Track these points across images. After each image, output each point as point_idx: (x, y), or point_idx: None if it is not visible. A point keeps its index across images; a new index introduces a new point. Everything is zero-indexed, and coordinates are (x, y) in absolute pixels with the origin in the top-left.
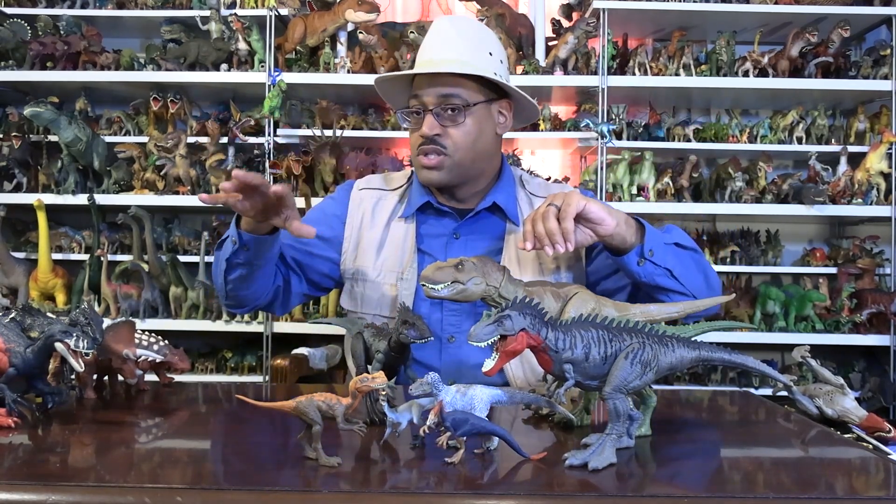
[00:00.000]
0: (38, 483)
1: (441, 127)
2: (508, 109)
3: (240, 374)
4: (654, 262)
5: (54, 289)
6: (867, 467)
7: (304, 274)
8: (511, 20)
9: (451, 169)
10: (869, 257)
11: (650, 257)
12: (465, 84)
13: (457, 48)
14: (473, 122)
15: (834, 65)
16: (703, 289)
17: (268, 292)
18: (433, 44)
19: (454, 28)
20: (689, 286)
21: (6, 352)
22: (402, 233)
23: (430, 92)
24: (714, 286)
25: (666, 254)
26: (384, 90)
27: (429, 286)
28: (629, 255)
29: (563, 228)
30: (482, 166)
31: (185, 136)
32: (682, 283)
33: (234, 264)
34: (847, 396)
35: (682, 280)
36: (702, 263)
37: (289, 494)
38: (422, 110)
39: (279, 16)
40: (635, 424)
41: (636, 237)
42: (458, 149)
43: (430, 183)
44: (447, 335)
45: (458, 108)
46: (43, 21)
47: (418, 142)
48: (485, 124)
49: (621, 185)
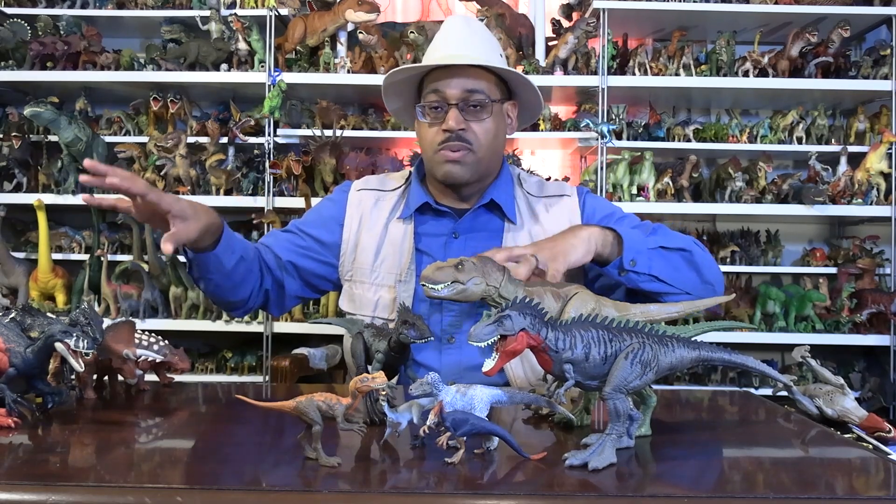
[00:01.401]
0: (38, 483)
1: (465, 122)
2: (513, 111)
3: (240, 374)
4: (637, 272)
5: (54, 289)
6: (867, 467)
7: (301, 276)
8: (511, 20)
9: (473, 165)
10: (869, 257)
11: (632, 268)
12: (487, 81)
13: (475, 46)
14: (493, 120)
15: (834, 65)
16: (698, 285)
17: (254, 297)
18: (450, 39)
19: (469, 27)
20: (681, 286)
21: (6, 352)
22: (400, 233)
23: (455, 85)
24: (712, 280)
25: (651, 259)
26: (391, 87)
27: (429, 286)
28: (609, 267)
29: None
30: (496, 165)
31: (185, 136)
32: (671, 285)
33: (195, 277)
34: (847, 396)
35: (671, 282)
36: (693, 261)
37: (289, 494)
38: (442, 105)
39: (279, 16)
40: (635, 424)
41: (616, 249)
42: (480, 145)
43: (454, 178)
44: (447, 336)
45: (482, 104)
46: (43, 21)
47: (440, 137)
48: (500, 123)
49: (621, 185)
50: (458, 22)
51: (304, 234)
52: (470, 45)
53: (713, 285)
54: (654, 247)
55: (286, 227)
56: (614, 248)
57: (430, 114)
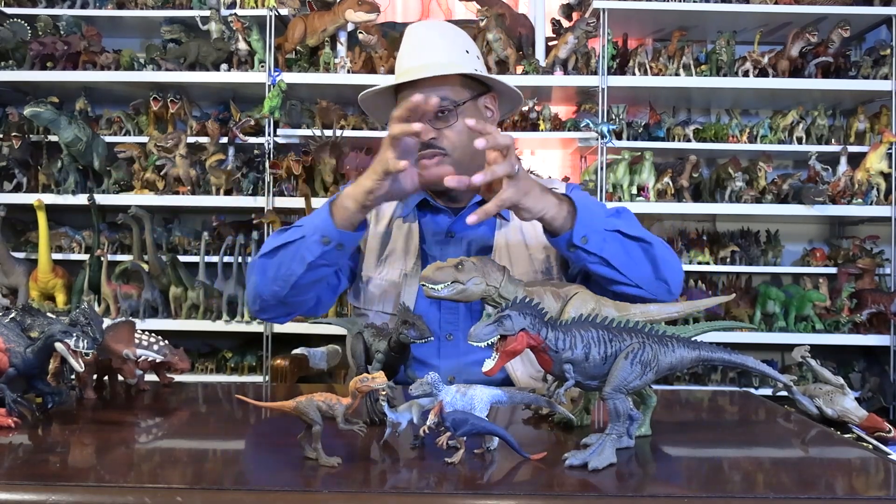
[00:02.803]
0: (38, 483)
1: (435, 130)
2: (493, 102)
3: (240, 374)
4: (587, 250)
5: (54, 289)
6: (867, 467)
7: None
8: (511, 20)
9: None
10: (869, 257)
11: (582, 244)
12: (450, 85)
13: (434, 51)
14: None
15: (834, 65)
16: (651, 280)
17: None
18: (410, 51)
19: (428, 32)
20: (633, 276)
21: (6, 352)
22: (405, 232)
23: None
24: (668, 278)
25: (605, 241)
26: (369, 106)
27: (429, 286)
28: (558, 240)
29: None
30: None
31: (185, 136)
32: (622, 273)
33: (317, 265)
34: (847, 396)
35: (622, 270)
36: (652, 253)
37: (289, 494)
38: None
39: (279, 16)
40: (635, 424)
41: (570, 222)
42: (455, 148)
43: (436, 187)
44: (445, 333)
45: (447, 109)
46: (43, 21)
47: None
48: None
49: (621, 185)
50: (416, 30)
51: None
52: (430, 53)
53: (668, 284)
54: (612, 229)
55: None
56: (567, 221)
57: None
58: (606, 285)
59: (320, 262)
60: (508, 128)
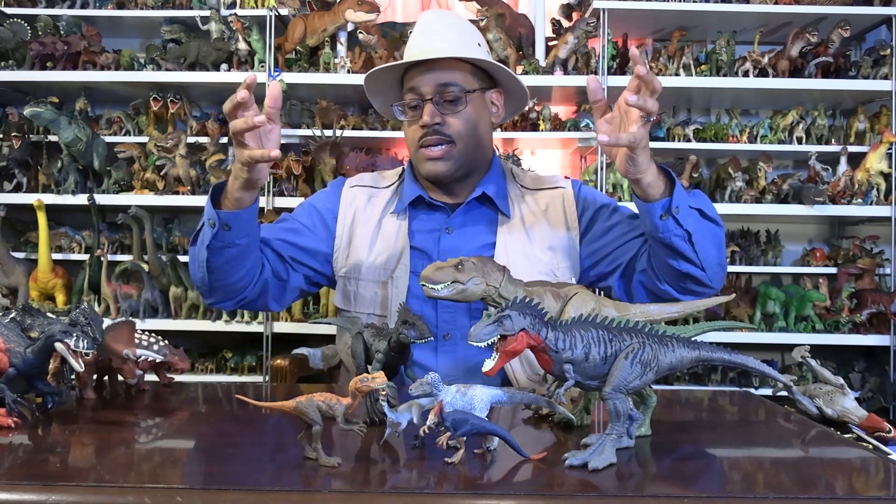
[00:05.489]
0: (38, 483)
1: (441, 115)
2: (500, 99)
3: (240, 374)
4: (678, 221)
5: (54, 289)
6: (867, 467)
7: (298, 266)
8: (511, 20)
9: (456, 158)
10: (869, 257)
11: (675, 213)
12: (462, 72)
13: (448, 38)
14: (472, 110)
15: (834, 65)
16: (714, 264)
17: (254, 282)
18: (423, 35)
19: (441, 21)
20: (703, 256)
21: (6, 352)
22: (394, 229)
23: (428, 80)
24: (724, 265)
25: (688, 216)
26: (373, 88)
27: (429, 286)
28: (654, 205)
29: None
30: (483, 155)
31: (185, 136)
32: (696, 251)
33: (216, 248)
34: (847, 396)
35: (697, 248)
36: (719, 237)
37: (289, 494)
38: (419, 102)
39: (279, 16)
40: (635, 424)
41: (664, 190)
42: (460, 136)
43: (436, 175)
44: (442, 332)
45: (457, 96)
46: (43, 21)
47: (418, 134)
48: (482, 112)
49: (621, 185)
50: (430, 16)
51: (300, 224)
52: (443, 38)
53: (724, 271)
54: (695, 207)
55: (279, 219)
56: (661, 190)
57: (409, 112)
58: (675, 263)
59: (217, 244)
60: (508, 128)
